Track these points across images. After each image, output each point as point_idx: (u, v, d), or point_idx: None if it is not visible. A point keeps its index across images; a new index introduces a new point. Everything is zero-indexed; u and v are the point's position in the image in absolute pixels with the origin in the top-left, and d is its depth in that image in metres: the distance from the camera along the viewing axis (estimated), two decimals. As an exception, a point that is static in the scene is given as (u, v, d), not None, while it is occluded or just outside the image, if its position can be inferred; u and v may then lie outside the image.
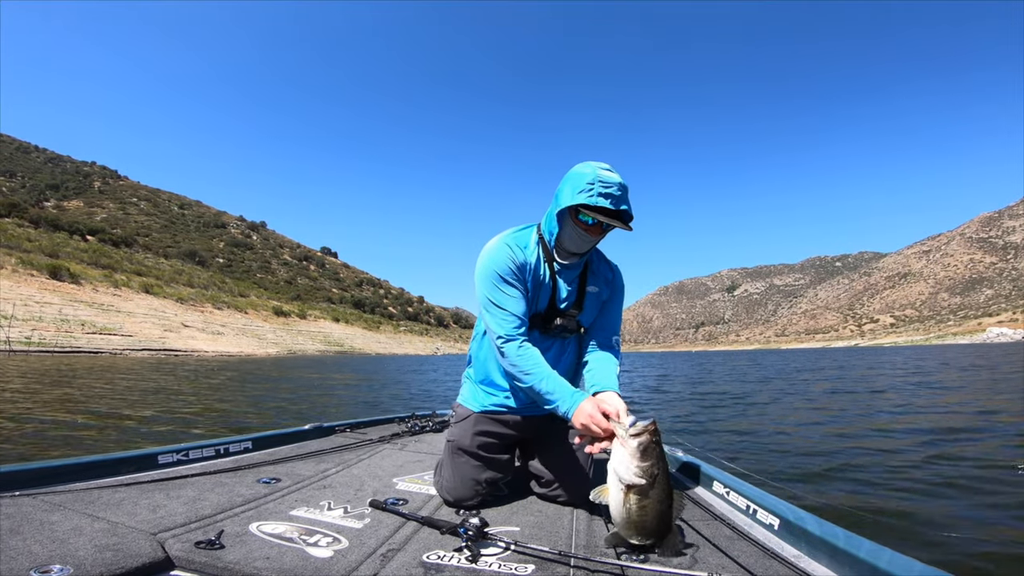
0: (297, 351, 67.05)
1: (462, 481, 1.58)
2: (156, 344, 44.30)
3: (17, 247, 59.57)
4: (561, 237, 1.56)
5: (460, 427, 1.68)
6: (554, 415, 1.66)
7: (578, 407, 1.37)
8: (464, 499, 1.56)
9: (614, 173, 1.46)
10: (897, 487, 3.18)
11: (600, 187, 1.43)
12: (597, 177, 1.44)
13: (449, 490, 1.59)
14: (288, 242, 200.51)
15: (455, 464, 1.62)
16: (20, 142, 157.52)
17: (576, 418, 1.37)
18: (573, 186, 1.47)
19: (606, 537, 1.28)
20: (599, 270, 1.73)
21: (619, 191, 1.44)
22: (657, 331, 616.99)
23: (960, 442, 4.53)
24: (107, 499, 1.41)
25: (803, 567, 1.12)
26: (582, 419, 1.34)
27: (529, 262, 1.59)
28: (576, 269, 1.66)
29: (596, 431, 1.30)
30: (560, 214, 1.54)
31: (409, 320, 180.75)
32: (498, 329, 1.51)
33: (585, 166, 1.50)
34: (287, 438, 2.41)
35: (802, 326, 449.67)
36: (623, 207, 1.45)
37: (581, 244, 1.55)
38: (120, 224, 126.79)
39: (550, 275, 1.62)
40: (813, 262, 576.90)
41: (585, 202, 1.43)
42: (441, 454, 1.77)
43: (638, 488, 1.17)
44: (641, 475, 1.17)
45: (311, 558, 1.11)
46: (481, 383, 1.72)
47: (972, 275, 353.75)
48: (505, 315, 1.51)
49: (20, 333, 33.80)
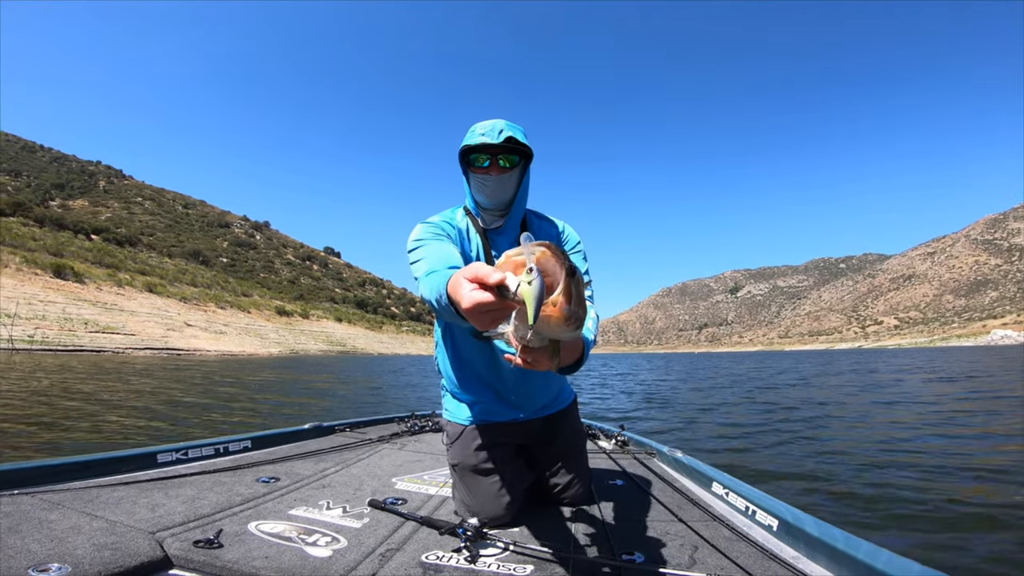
0: (300, 351, 67.21)
1: (486, 501, 1.45)
2: (159, 343, 44.47)
3: (22, 246, 59.85)
4: (474, 196, 1.54)
5: (458, 447, 1.57)
6: (547, 419, 1.64)
7: (448, 283, 0.93)
8: (496, 518, 1.43)
9: (498, 120, 1.46)
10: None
11: (479, 128, 1.45)
12: (477, 125, 1.47)
13: (476, 513, 1.45)
14: (291, 242, 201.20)
15: (471, 486, 1.49)
16: (25, 141, 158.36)
17: (457, 297, 0.82)
18: (462, 145, 1.50)
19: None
20: (540, 230, 1.65)
21: (500, 127, 1.43)
22: (660, 332, 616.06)
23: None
24: (106, 498, 1.41)
25: (802, 568, 1.11)
26: (465, 296, 0.78)
27: (460, 229, 1.54)
28: (510, 233, 1.59)
29: (486, 299, 0.75)
30: (464, 175, 1.54)
31: (412, 320, 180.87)
32: (418, 273, 1.28)
33: None
34: (286, 437, 2.41)
35: (805, 328, 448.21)
36: (506, 135, 1.42)
37: (492, 191, 1.50)
38: (124, 223, 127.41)
39: (482, 242, 1.56)
40: (817, 263, 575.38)
41: (467, 143, 1.45)
42: (446, 466, 1.71)
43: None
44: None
45: (310, 557, 1.10)
46: (455, 393, 1.65)
47: (977, 277, 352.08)
48: (428, 261, 1.30)
49: (23, 332, 33.98)
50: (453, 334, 1.61)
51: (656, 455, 2.31)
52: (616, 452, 2.39)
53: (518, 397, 1.59)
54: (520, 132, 1.46)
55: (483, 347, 1.55)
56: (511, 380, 1.56)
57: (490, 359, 1.55)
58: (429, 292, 1.11)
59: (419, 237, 1.42)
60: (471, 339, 1.54)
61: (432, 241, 1.40)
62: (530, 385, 1.58)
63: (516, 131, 1.44)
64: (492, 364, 1.56)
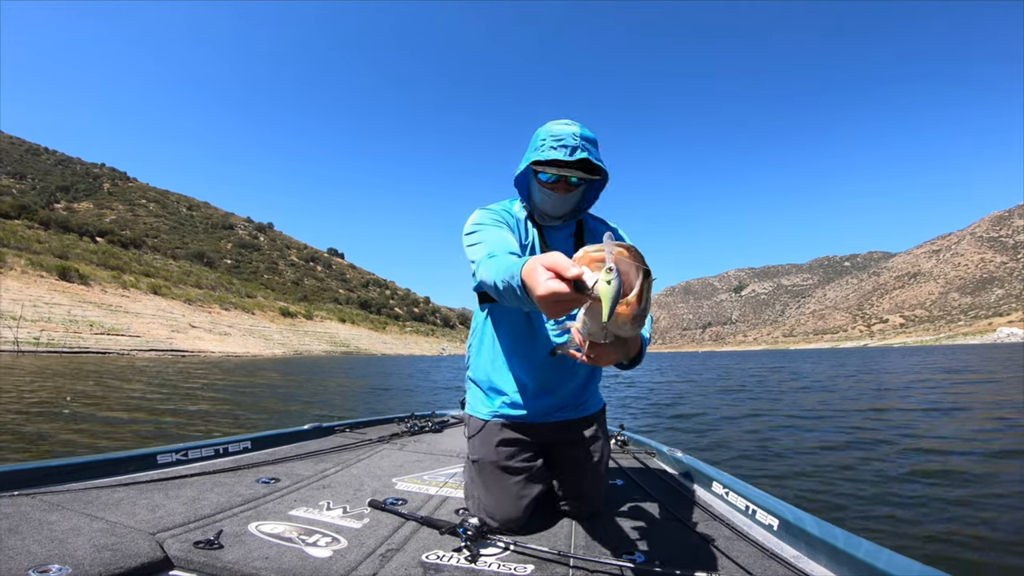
0: (303, 351, 67.42)
1: (505, 500, 1.38)
2: (163, 345, 44.69)
3: (27, 248, 60.38)
4: (534, 203, 1.47)
5: (479, 440, 1.50)
6: (567, 423, 1.55)
7: (523, 268, 0.89)
8: (511, 519, 1.36)
9: (570, 125, 1.36)
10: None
11: (551, 141, 1.35)
12: (548, 132, 1.36)
13: (491, 512, 1.38)
14: (295, 243, 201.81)
15: (490, 483, 1.42)
16: (30, 144, 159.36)
17: (532, 283, 0.80)
18: (530, 148, 1.40)
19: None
20: (597, 230, 1.59)
21: (573, 140, 1.33)
22: (663, 332, 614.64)
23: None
24: (106, 499, 1.41)
25: (802, 567, 1.11)
26: (541, 283, 0.77)
27: (519, 219, 1.50)
28: (567, 229, 1.54)
29: (562, 289, 0.75)
30: (528, 181, 1.46)
31: (415, 321, 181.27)
32: (478, 256, 1.25)
33: (543, 126, 1.41)
34: (286, 438, 2.41)
35: (810, 326, 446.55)
36: (581, 156, 1.33)
37: (553, 206, 1.43)
38: (129, 226, 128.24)
39: (538, 235, 1.50)
40: (821, 262, 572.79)
41: (537, 158, 1.35)
42: (462, 470, 1.64)
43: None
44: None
45: (310, 558, 1.10)
46: (482, 384, 1.58)
47: (982, 275, 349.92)
48: (488, 245, 1.27)
49: (29, 334, 34.20)
50: (497, 323, 1.53)
51: (656, 455, 2.30)
52: (616, 452, 2.38)
53: (550, 396, 1.52)
54: (594, 150, 1.37)
55: (526, 341, 1.49)
56: (547, 377, 1.50)
57: (530, 352, 1.49)
58: (493, 274, 1.06)
59: (479, 221, 1.39)
60: (515, 331, 1.50)
61: (492, 227, 1.37)
62: (563, 386, 1.52)
63: (590, 149, 1.35)
64: (531, 358, 1.49)
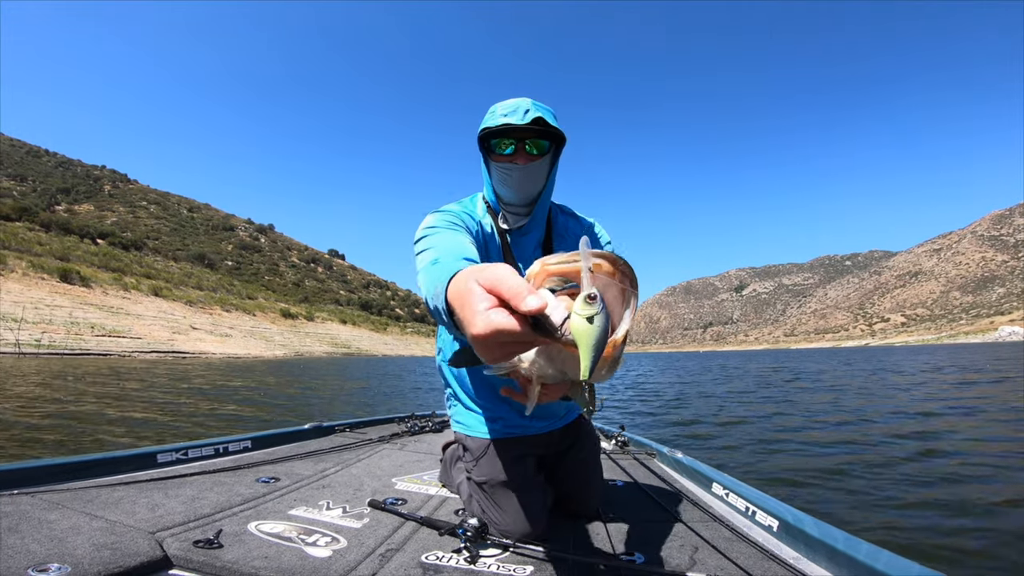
0: (304, 353, 67.39)
1: (524, 517, 1.32)
2: (165, 346, 44.68)
3: (28, 251, 60.38)
4: (496, 188, 1.35)
5: (486, 464, 1.41)
6: (566, 428, 1.53)
7: (450, 284, 0.68)
8: (528, 535, 1.31)
9: (522, 98, 1.28)
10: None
11: (500, 110, 1.26)
12: (498, 105, 1.28)
13: (509, 531, 1.31)
14: (296, 244, 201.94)
15: (504, 503, 1.35)
16: (31, 146, 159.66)
17: (464, 313, 0.59)
18: (481, 125, 1.31)
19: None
20: (567, 229, 1.46)
21: (525, 107, 1.24)
22: (664, 331, 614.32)
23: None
24: (105, 498, 1.41)
25: (802, 569, 1.10)
26: (478, 317, 0.54)
27: (481, 223, 1.34)
28: (534, 232, 1.41)
29: (511, 327, 0.52)
30: (485, 163, 1.35)
31: (416, 322, 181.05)
32: (421, 265, 1.05)
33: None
34: (286, 437, 2.41)
35: (811, 326, 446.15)
36: (535, 115, 1.23)
37: (515, 183, 1.30)
38: (130, 227, 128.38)
39: (502, 243, 1.36)
40: (822, 261, 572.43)
41: (487, 125, 1.26)
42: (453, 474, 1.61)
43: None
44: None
45: (309, 557, 1.09)
46: (469, 404, 1.50)
47: (984, 273, 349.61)
48: (435, 251, 1.06)
49: (30, 336, 34.18)
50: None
51: (656, 456, 2.30)
52: (616, 453, 2.38)
53: (543, 409, 1.45)
54: (549, 113, 1.26)
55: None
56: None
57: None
58: (425, 289, 0.86)
59: (430, 225, 1.21)
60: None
61: (445, 231, 1.18)
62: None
63: (545, 112, 1.25)
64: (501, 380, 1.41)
